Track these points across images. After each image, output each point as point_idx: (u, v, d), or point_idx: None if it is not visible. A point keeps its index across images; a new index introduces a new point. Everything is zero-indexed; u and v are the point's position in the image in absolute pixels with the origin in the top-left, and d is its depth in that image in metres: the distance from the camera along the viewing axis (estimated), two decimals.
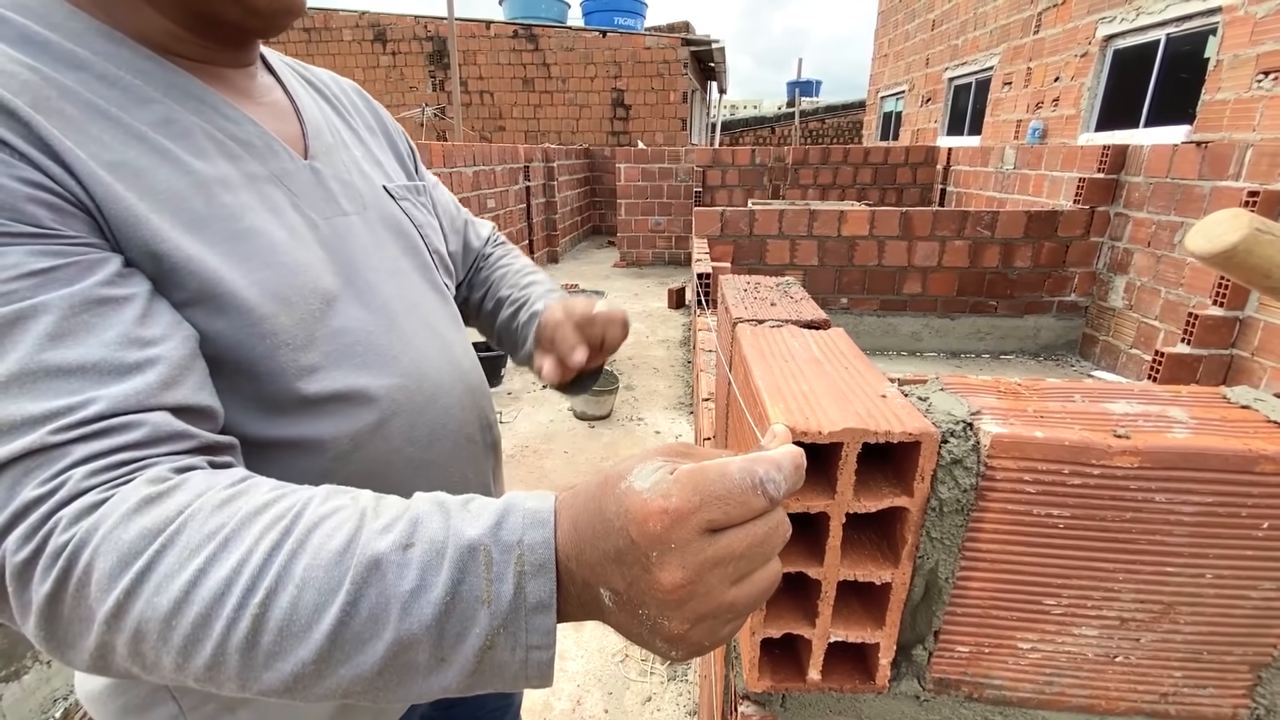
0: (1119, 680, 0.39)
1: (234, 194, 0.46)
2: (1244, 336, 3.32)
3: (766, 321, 0.53)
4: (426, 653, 0.32)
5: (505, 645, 0.32)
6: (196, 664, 0.31)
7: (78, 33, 0.42)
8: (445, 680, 0.33)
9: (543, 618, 0.32)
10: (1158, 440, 0.34)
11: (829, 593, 0.38)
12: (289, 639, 0.31)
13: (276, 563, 0.32)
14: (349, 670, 0.32)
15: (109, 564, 0.31)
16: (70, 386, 0.34)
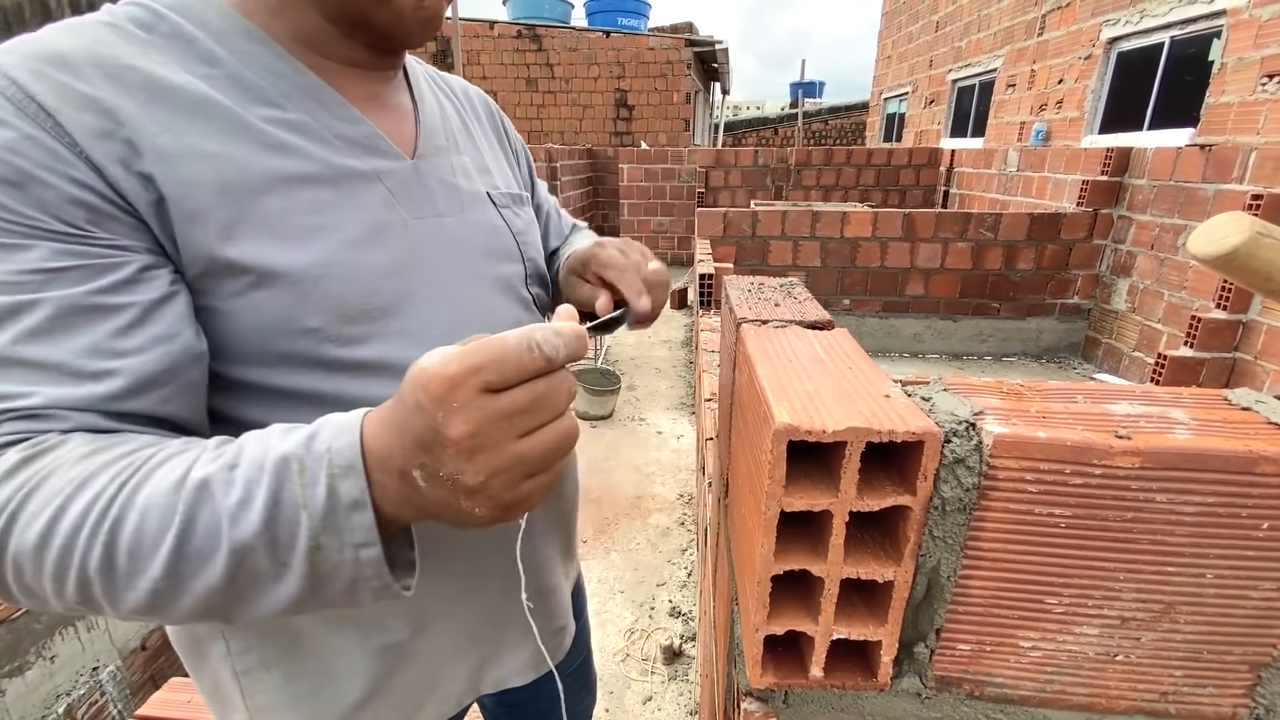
0: (1119, 679, 0.40)
1: (318, 190, 0.50)
2: (1247, 340, 3.31)
3: (770, 322, 0.53)
4: (265, 559, 0.36)
5: (332, 545, 0.36)
6: (69, 589, 0.36)
7: (223, 33, 0.48)
8: (293, 587, 0.37)
9: (360, 515, 0.36)
10: (1159, 441, 0.34)
11: (832, 590, 0.39)
12: (138, 560, 0.35)
13: (122, 496, 0.36)
14: (200, 583, 0.36)
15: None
16: (25, 378, 0.38)
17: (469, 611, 0.64)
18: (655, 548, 2.53)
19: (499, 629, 0.67)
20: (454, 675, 0.66)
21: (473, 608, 0.64)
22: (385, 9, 0.50)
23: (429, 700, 0.65)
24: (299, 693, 0.59)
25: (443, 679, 0.65)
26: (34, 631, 1.77)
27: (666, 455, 3.24)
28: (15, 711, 1.74)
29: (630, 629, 2.10)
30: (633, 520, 2.71)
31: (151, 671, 2.15)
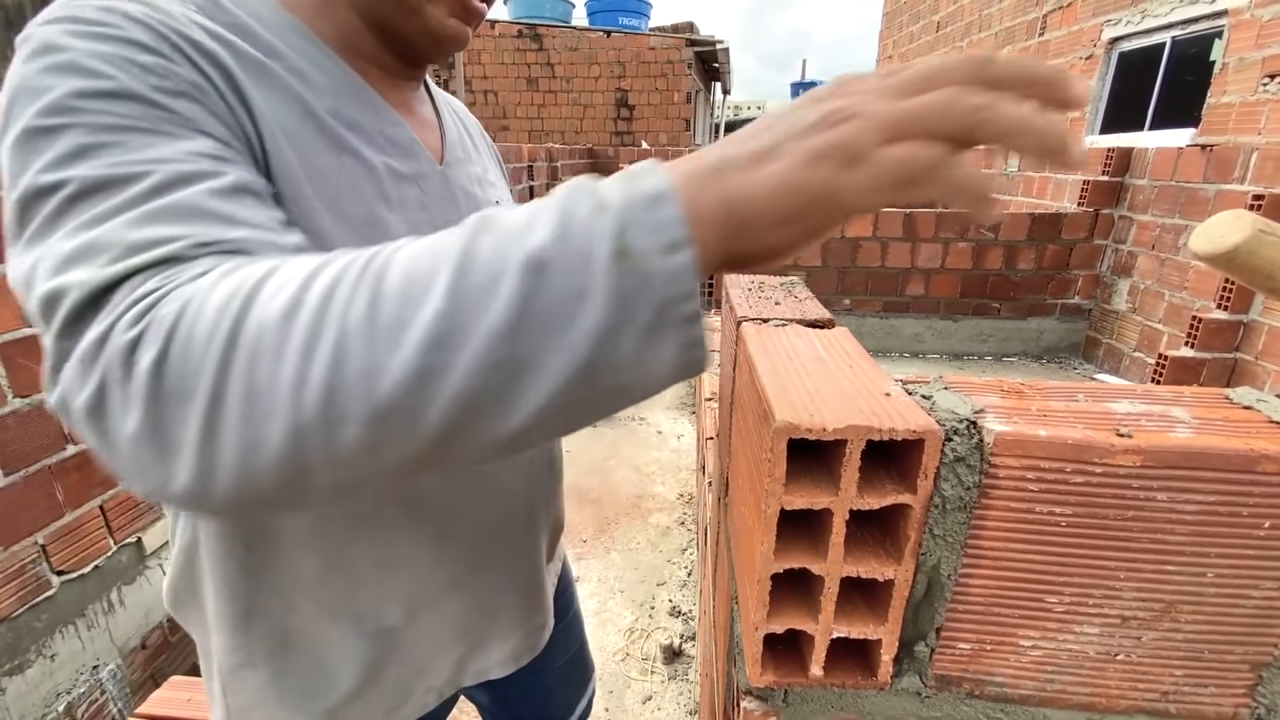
0: (1120, 678, 0.40)
1: (374, 185, 0.52)
2: (1248, 340, 3.31)
3: (771, 320, 0.53)
4: (559, 278, 0.28)
5: (637, 245, 0.28)
6: (317, 364, 0.28)
7: (277, 27, 0.50)
8: (591, 320, 0.28)
9: (666, 208, 0.29)
10: (1160, 439, 0.34)
11: (832, 589, 0.39)
12: (411, 297, 0.28)
13: (380, 257, 0.30)
14: (483, 325, 0.28)
15: (216, 301, 0.30)
16: (225, 226, 0.36)
17: (461, 601, 0.65)
18: (655, 547, 2.53)
19: (489, 619, 0.69)
20: (441, 665, 0.67)
21: (466, 598, 0.65)
22: (415, 19, 0.52)
23: (415, 691, 0.66)
24: (285, 690, 0.59)
25: (431, 669, 0.66)
26: (34, 630, 1.77)
27: (666, 455, 3.24)
28: (15, 710, 1.74)
29: (630, 628, 2.10)
30: (633, 520, 2.71)
31: (152, 670, 2.15)
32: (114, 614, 2.00)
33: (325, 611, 0.57)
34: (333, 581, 0.56)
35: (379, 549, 0.57)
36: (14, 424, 1.70)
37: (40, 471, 1.77)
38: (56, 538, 1.82)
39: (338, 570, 0.56)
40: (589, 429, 3.44)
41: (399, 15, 0.52)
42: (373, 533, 0.57)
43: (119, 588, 2.01)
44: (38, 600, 1.77)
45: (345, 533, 0.56)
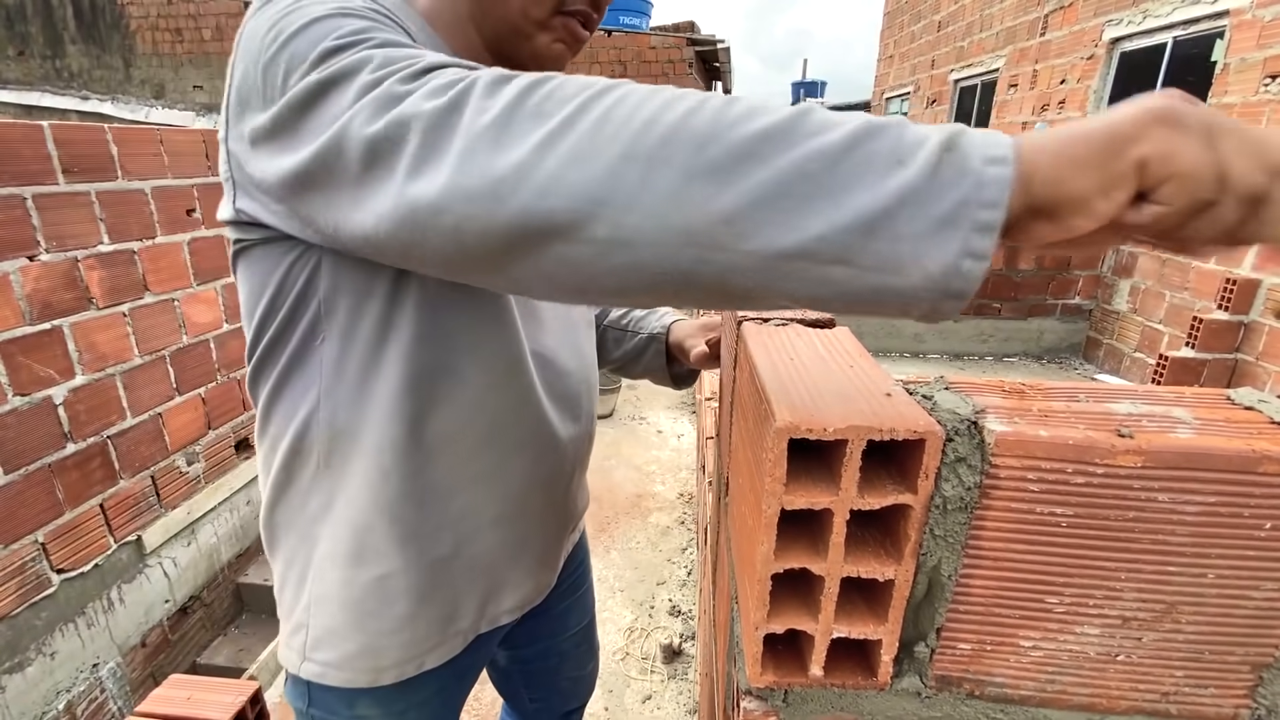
0: (1120, 679, 0.40)
1: None
2: (1248, 341, 3.31)
3: (772, 320, 0.53)
4: (888, 145, 0.32)
5: (964, 146, 0.31)
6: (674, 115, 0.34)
7: (421, 39, 0.57)
8: (901, 179, 0.31)
9: (1001, 142, 0.32)
10: (1161, 440, 0.34)
11: (832, 589, 0.39)
12: (752, 116, 0.33)
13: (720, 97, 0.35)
14: (813, 144, 0.32)
15: (579, 81, 0.37)
16: None
17: (499, 538, 0.71)
18: (655, 546, 2.53)
19: (510, 562, 0.74)
20: (467, 607, 0.72)
21: (503, 534, 0.71)
22: (527, 44, 0.61)
23: (446, 635, 0.71)
24: (349, 599, 0.66)
25: (460, 610, 0.72)
26: (34, 628, 1.77)
27: (666, 454, 3.24)
28: (15, 707, 1.74)
29: (630, 627, 2.10)
30: (633, 519, 2.71)
31: (151, 668, 2.15)
32: (114, 612, 2.01)
33: (400, 534, 0.64)
34: (405, 506, 0.63)
35: (453, 471, 0.64)
36: (13, 422, 1.70)
37: (40, 470, 1.77)
38: (56, 536, 1.82)
39: (412, 497, 0.63)
40: None
41: (514, 40, 0.61)
42: (454, 452, 0.63)
43: (119, 586, 2.02)
44: (38, 598, 1.77)
45: (429, 456, 0.62)
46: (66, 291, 1.83)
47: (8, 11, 9.74)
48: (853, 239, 0.32)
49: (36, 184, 1.72)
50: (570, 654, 1.02)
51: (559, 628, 0.97)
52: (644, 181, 0.33)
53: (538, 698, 1.05)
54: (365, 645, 0.67)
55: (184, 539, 2.28)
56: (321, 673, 0.68)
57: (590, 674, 1.10)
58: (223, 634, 2.46)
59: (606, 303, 0.67)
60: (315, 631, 0.68)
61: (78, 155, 1.82)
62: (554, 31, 0.60)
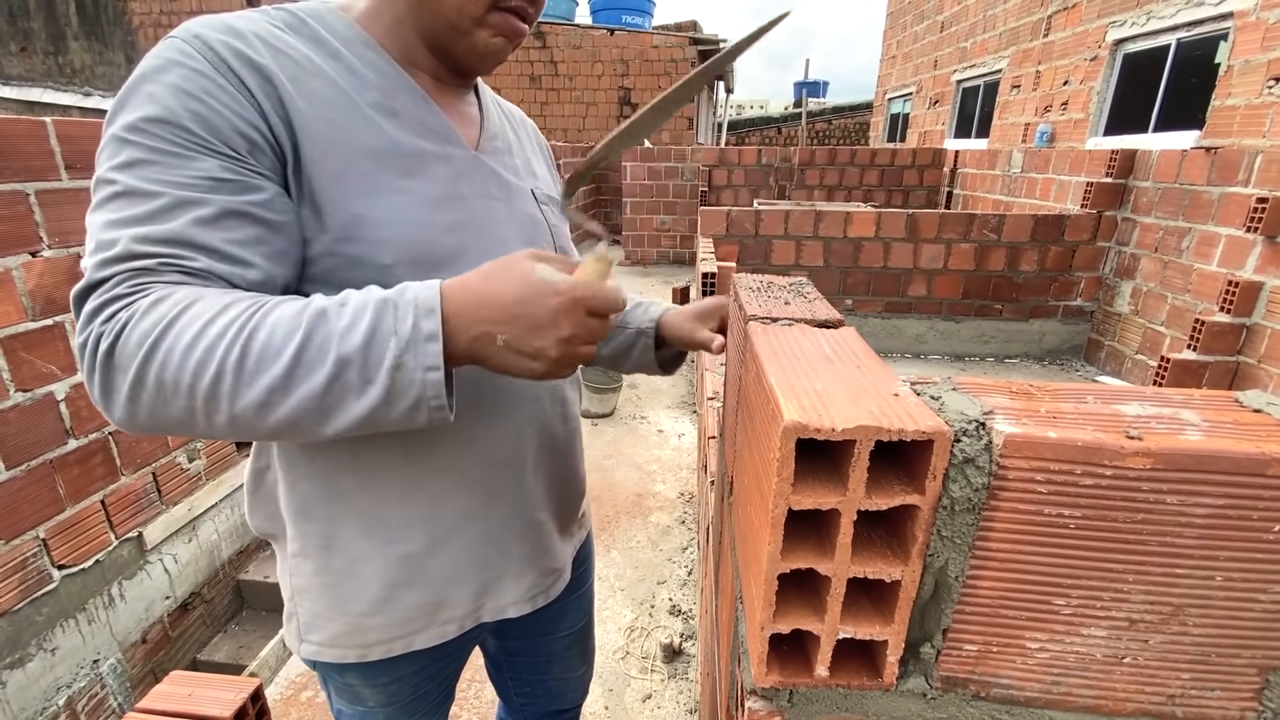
0: (1127, 681, 0.40)
1: (403, 161, 0.63)
2: (1250, 343, 3.30)
3: (779, 320, 0.53)
4: (356, 372, 0.48)
5: (409, 364, 0.48)
6: (204, 380, 0.47)
7: (348, 39, 0.63)
8: (371, 398, 0.49)
9: (433, 345, 0.49)
10: (1170, 442, 0.34)
11: (838, 589, 0.38)
12: (265, 360, 0.47)
13: (258, 315, 0.48)
14: (305, 386, 0.48)
15: (148, 321, 0.47)
16: (192, 250, 0.51)
17: (476, 531, 0.73)
18: (655, 546, 2.53)
19: (502, 553, 0.77)
20: (459, 597, 0.75)
21: (480, 528, 0.74)
22: (464, 40, 0.63)
23: (435, 621, 0.74)
24: (325, 585, 0.71)
25: (449, 599, 0.74)
26: (35, 624, 1.77)
27: (667, 454, 3.24)
28: (16, 703, 1.74)
29: (630, 627, 2.10)
30: (633, 518, 2.71)
31: (152, 665, 2.15)
32: (114, 608, 2.01)
33: (361, 524, 0.68)
34: (365, 498, 0.67)
35: (404, 471, 0.68)
36: (15, 418, 1.70)
37: (42, 465, 1.77)
38: (57, 532, 1.83)
39: (369, 488, 0.67)
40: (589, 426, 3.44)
41: (452, 38, 0.64)
42: (400, 455, 0.67)
43: (120, 582, 2.02)
44: (39, 594, 1.77)
45: (376, 455, 0.67)
46: (69, 287, 1.82)
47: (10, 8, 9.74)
48: (361, 429, 0.51)
49: (39, 180, 1.72)
50: (560, 656, 1.01)
51: (549, 627, 0.96)
52: (210, 422, 0.49)
53: (524, 693, 1.05)
54: (349, 625, 0.72)
55: (185, 535, 2.28)
56: (317, 651, 0.74)
57: (581, 678, 1.09)
58: (223, 631, 2.46)
59: None
60: (304, 618, 0.74)
61: (81, 151, 1.82)
62: (491, 27, 0.63)
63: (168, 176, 0.52)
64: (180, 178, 0.52)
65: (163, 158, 0.52)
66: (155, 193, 0.51)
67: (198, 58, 0.54)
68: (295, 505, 0.69)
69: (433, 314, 0.49)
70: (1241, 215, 3.38)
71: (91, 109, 8.56)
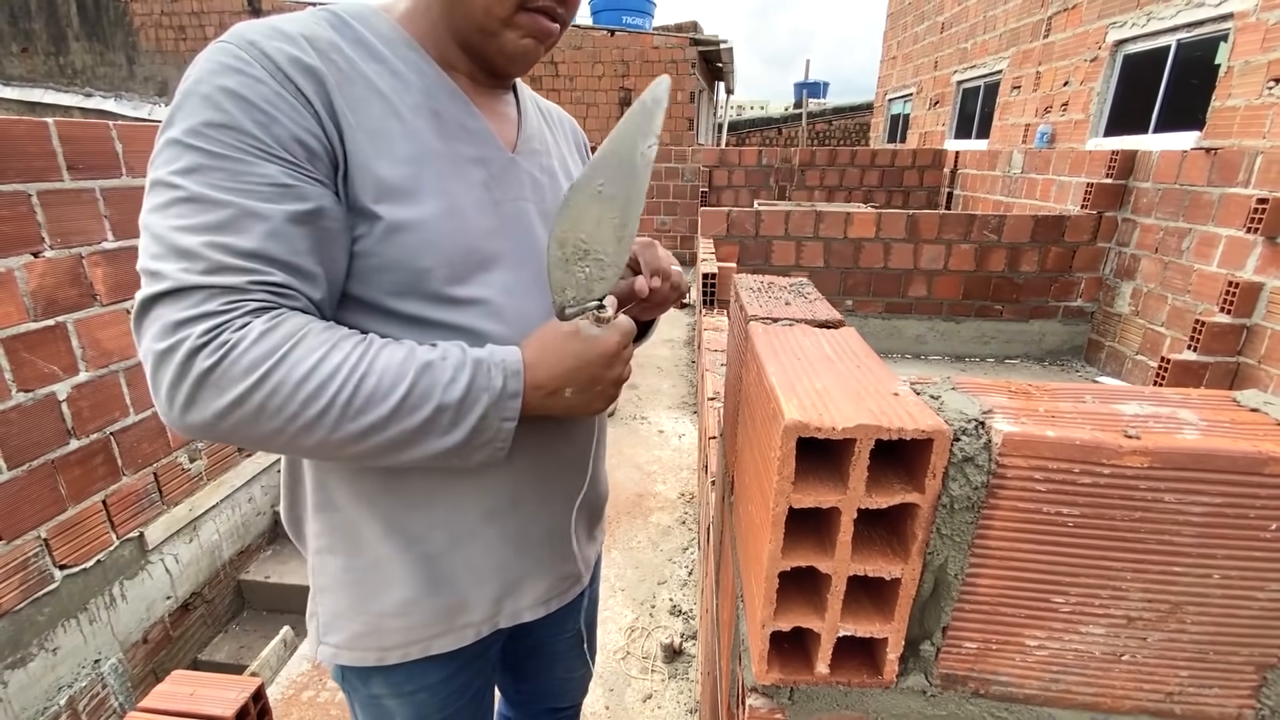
0: (1125, 679, 0.40)
1: (444, 164, 0.64)
2: (1251, 344, 3.31)
3: (780, 320, 0.54)
4: (450, 418, 0.56)
5: (494, 416, 0.58)
6: (312, 411, 0.51)
7: (390, 40, 0.64)
8: (454, 438, 0.57)
9: (514, 401, 0.59)
10: (1168, 441, 0.34)
11: (839, 587, 0.39)
12: (374, 401, 0.53)
13: (367, 358, 0.54)
14: (403, 425, 0.54)
15: (262, 349, 0.50)
16: (269, 265, 0.53)
17: (496, 532, 0.74)
18: (656, 546, 2.53)
19: (521, 556, 0.77)
20: (479, 600, 0.75)
21: (500, 529, 0.74)
22: (493, 41, 0.64)
23: (454, 625, 0.74)
24: (350, 583, 0.72)
25: (470, 602, 0.74)
26: (36, 623, 1.78)
27: (668, 454, 3.25)
28: (17, 702, 1.74)
29: (631, 627, 2.10)
30: (634, 519, 2.71)
31: (153, 665, 2.15)
32: (116, 608, 2.01)
33: (383, 526, 0.69)
34: (387, 499, 0.69)
35: (426, 474, 0.68)
36: (17, 418, 1.70)
37: (43, 465, 1.77)
38: (59, 532, 1.83)
39: (392, 491, 0.68)
40: None
41: (482, 39, 0.64)
42: None
43: (121, 582, 2.02)
44: (40, 594, 1.77)
45: None
46: (71, 288, 1.83)
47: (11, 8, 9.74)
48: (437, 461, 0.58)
49: (41, 180, 1.72)
50: (564, 655, 1.01)
51: (556, 627, 0.96)
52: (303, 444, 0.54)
53: (524, 689, 1.05)
54: (369, 625, 0.72)
55: (186, 535, 2.28)
56: (334, 654, 0.74)
57: (582, 678, 1.09)
58: (224, 631, 2.47)
59: None
60: (324, 618, 0.74)
61: (82, 152, 1.82)
62: (520, 28, 0.63)
63: (232, 183, 0.52)
64: (244, 184, 0.52)
65: (225, 163, 0.52)
66: (222, 201, 0.51)
67: (254, 65, 0.54)
68: (321, 502, 0.70)
69: (518, 375, 0.58)
70: (1242, 216, 3.39)
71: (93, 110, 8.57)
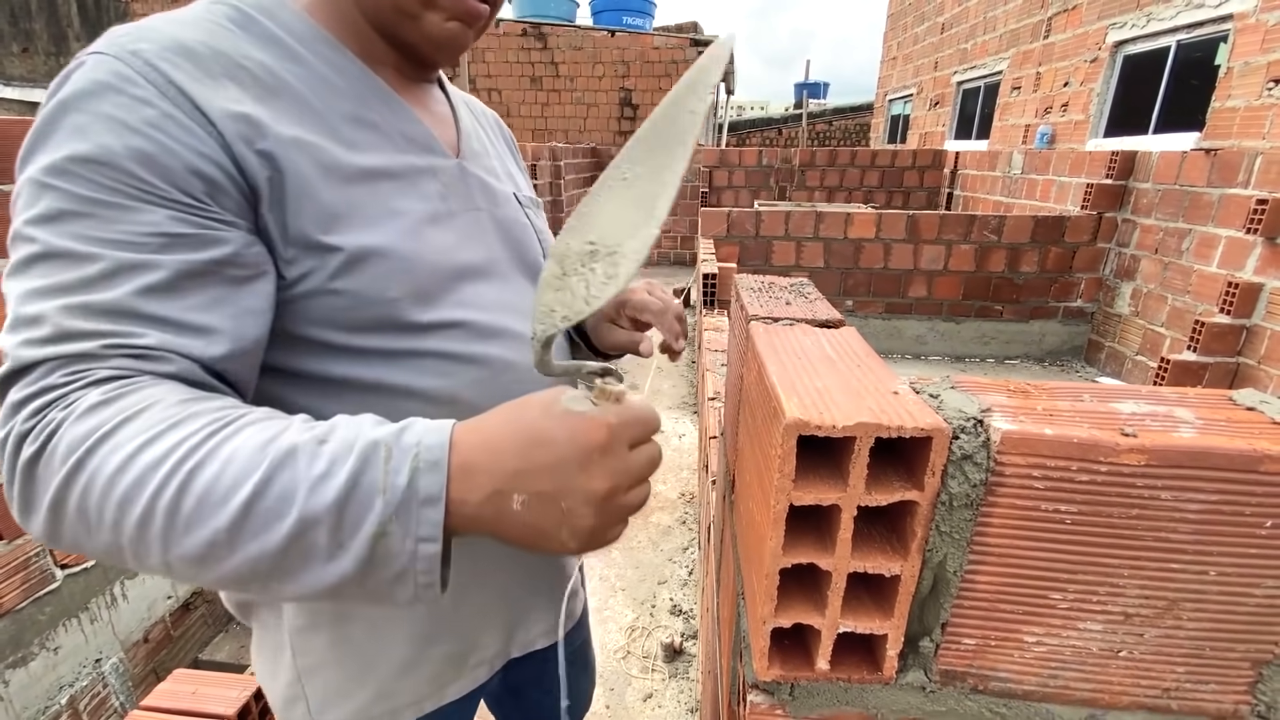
0: (1122, 674, 0.40)
1: (392, 181, 0.56)
2: (1250, 344, 3.31)
3: (781, 320, 0.54)
4: (326, 535, 0.37)
5: (397, 533, 0.37)
6: (129, 520, 0.36)
7: (304, 37, 0.54)
8: (341, 568, 0.37)
9: (432, 510, 0.38)
10: (1164, 439, 0.35)
11: (839, 584, 0.39)
12: (207, 507, 0.36)
13: (210, 443, 0.37)
14: (256, 545, 0.36)
15: (80, 430, 0.37)
16: (140, 325, 0.41)
17: (505, 574, 0.69)
18: (656, 546, 2.54)
19: (532, 591, 0.73)
20: (489, 640, 0.70)
21: (509, 569, 0.69)
22: (414, 25, 0.56)
23: (467, 665, 0.69)
24: (345, 655, 0.63)
25: (481, 642, 0.70)
26: (38, 623, 1.78)
27: (668, 454, 3.25)
28: (19, 702, 1.75)
29: (631, 626, 2.11)
30: (634, 518, 2.71)
31: (154, 664, 2.16)
32: (117, 608, 2.01)
33: None
34: None
35: None
36: None
37: None
38: None
39: None
40: None
41: (400, 22, 0.56)
42: None
43: (122, 581, 2.02)
44: (41, 593, 1.78)
45: None
46: None
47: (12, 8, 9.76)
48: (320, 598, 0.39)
49: None
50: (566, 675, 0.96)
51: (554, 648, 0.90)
52: (137, 561, 0.39)
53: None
54: (377, 691, 0.65)
55: None
56: None
57: (585, 691, 1.03)
58: (224, 630, 2.47)
59: None
60: (315, 700, 0.65)
61: None
62: (443, 9, 0.55)
63: (104, 233, 0.41)
64: (121, 234, 0.42)
65: (97, 209, 0.41)
66: (89, 255, 0.41)
67: (139, 81, 0.43)
68: None
69: (437, 468, 0.38)
70: (1241, 217, 3.39)
71: None
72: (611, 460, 0.40)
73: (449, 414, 0.55)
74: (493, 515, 0.39)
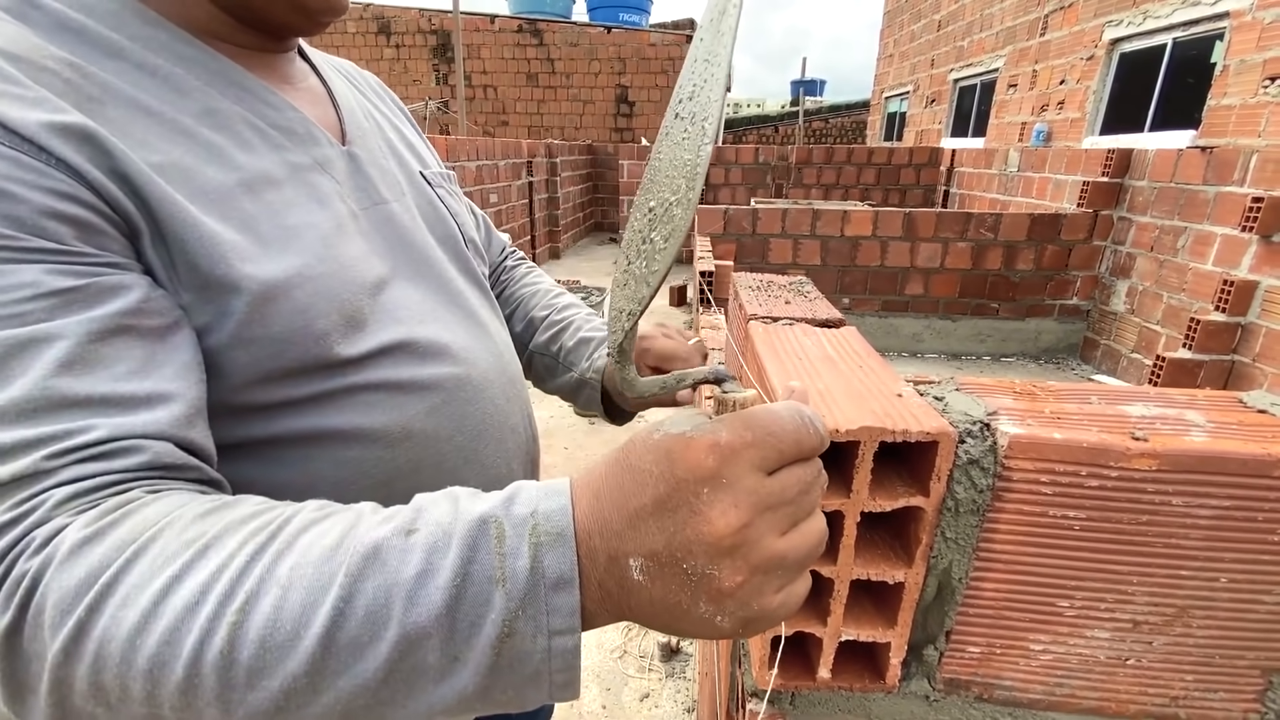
0: (1130, 683, 0.39)
1: (279, 189, 0.45)
2: (1245, 342, 3.32)
3: (780, 319, 0.53)
4: (437, 650, 0.28)
5: (526, 631, 0.29)
6: (167, 689, 0.27)
7: (114, 15, 0.41)
8: (460, 683, 0.29)
9: (565, 595, 0.29)
10: (1176, 443, 0.34)
11: (841, 591, 0.38)
12: (272, 650, 0.28)
13: (259, 566, 0.29)
14: (348, 681, 0.28)
15: (70, 582, 0.28)
16: (73, 415, 0.32)
17: None
18: None
19: None
20: None
21: None
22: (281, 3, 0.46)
23: None
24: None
25: None
26: None
27: None
28: None
29: (628, 625, 2.10)
30: None
31: None
32: None
33: None
34: None
35: None
36: None
37: None
38: None
39: None
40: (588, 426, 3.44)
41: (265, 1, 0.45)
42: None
43: None
44: None
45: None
46: None
47: None
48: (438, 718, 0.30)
49: None
50: None
51: None
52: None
53: None
54: None
55: None
56: None
57: None
58: None
59: None
60: None
61: None
62: None
63: None
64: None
65: None
66: None
67: None
68: None
69: (562, 540, 0.29)
70: (1237, 215, 3.39)
71: None
72: (730, 492, 0.27)
73: (405, 452, 0.48)
74: (617, 590, 0.29)
